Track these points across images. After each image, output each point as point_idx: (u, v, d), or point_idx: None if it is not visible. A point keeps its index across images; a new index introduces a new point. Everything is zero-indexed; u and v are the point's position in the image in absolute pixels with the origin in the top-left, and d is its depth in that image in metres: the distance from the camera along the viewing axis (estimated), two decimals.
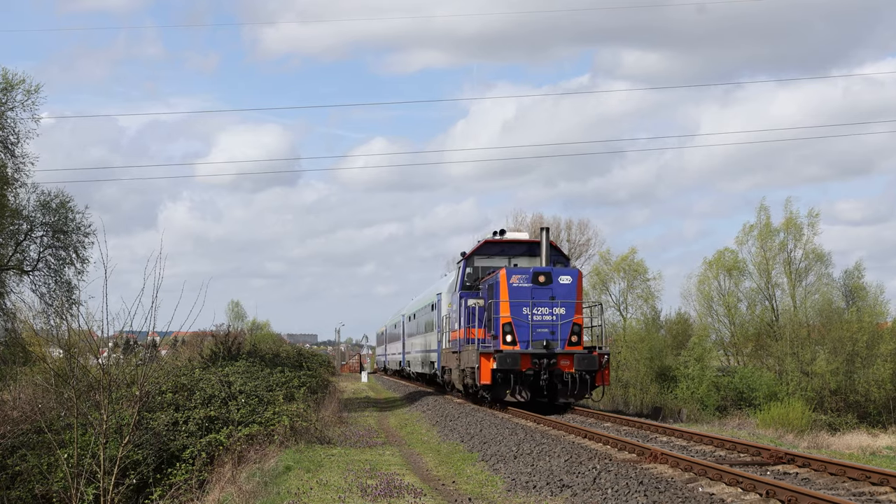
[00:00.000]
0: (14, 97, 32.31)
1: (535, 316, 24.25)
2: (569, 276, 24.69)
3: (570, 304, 24.47)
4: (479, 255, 28.46)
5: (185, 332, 36.47)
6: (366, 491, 12.68)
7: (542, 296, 24.35)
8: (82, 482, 15.19)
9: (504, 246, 28.38)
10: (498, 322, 24.37)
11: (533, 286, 24.30)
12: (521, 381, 24.05)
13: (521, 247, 28.34)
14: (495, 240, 28.56)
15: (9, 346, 33.22)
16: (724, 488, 12.11)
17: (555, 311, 24.34)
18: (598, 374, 24.32)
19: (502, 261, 27.76)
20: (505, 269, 24.84)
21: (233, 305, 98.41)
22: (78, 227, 35.02)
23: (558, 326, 24.31)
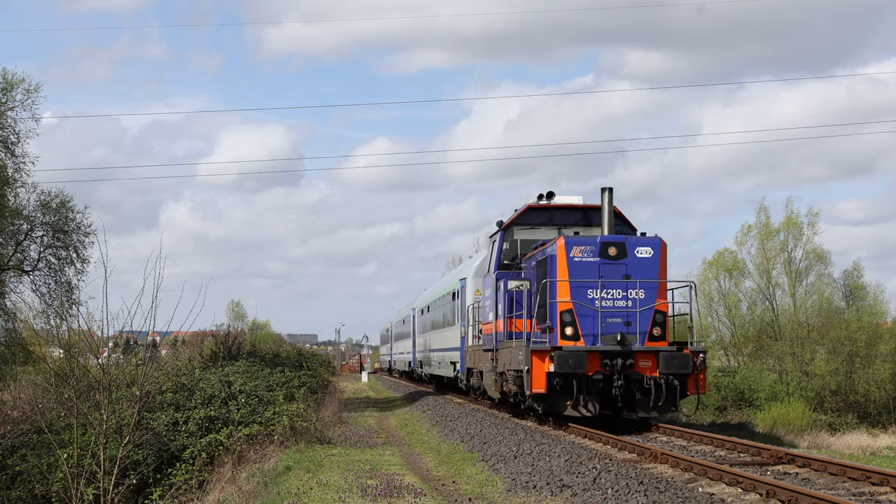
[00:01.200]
0: (14, 97, 32.30)
1: (604, 301, 18.74)
2: (649, 248, 19.10)
3: (651, 285, 18.95)
4: (519, 226, 22.71)
5: (185, 332, 36.49)
6: (366, 491, 12.68)
7: (614, 273, 18.81)
8: (82, 482, 15.20)
9: (552, 213, 22.57)
10: (554, 309, 18.93)
11: (601, 261, 18.85)
12: (588, 388, 18.44)
13: (574, 214, 22.50)
14: (541, 205, 22.62)
15: (9, 346, 33.20)
16: (724, 488, 12.11)
17: (631, 295, 18.81)
18: (690, 378, 18.75)
19: (550, 232, 22.09)
20: (563, 237, 19.31)
21: (233, 305, 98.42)
22: (78, 226, 35.03)
23: (636, 315, 18.76)
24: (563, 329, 18.80)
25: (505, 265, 22.26)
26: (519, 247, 22.51)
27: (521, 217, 22.75)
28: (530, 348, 18.55)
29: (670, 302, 19.82)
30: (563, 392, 18.43)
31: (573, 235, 19.96)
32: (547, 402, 19.10)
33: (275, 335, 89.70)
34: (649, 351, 18.65)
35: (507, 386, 21.00)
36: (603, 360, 18.41)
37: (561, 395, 18.51)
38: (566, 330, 18.79)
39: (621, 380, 18.39)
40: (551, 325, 19.05)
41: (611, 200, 19.64)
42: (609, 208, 19.58)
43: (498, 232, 22.87)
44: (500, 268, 22.22)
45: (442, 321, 36.35)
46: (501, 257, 22.44)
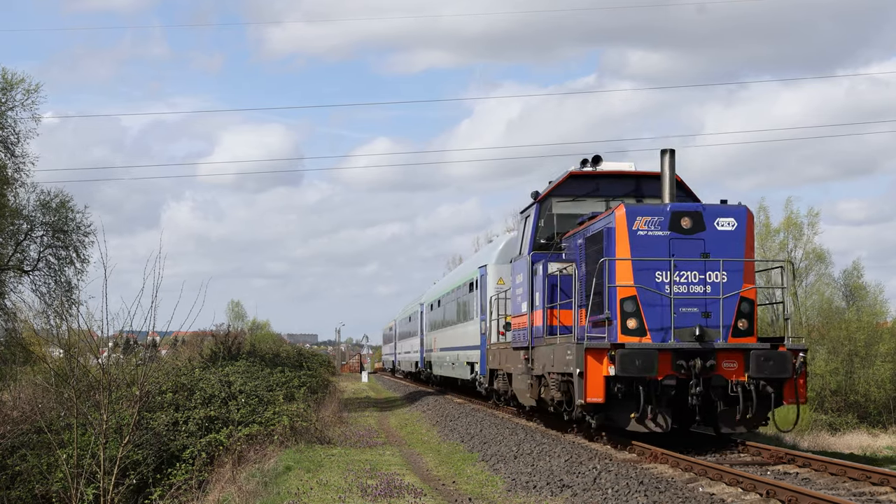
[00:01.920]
0: (14, 97, 32.31)
1: (677, 286, 15.16)
2: (731, 219, 15.49)
3: (735, 266, 15.36)
4: (559, 197, 18.90)
5: (185, 332, 36.50)
6: (366, 491, 12.68)
7: (689, 251, 15.26)
8: (82, 482, 15.20)
9: (599, 181, 18.86)
10: (613, 297, 15.36)
11: (672, 235, 15.26)
12: (658, 396, 14.99)
13: (625, 182, 18.83)
14: (585, 172, 18.84)
15: (9, 346, 33.21)
16: (724, 488, 12.11)
17: (711, 278, 15.23)
18: (787, 384, 15.19)
19: (595, 205, 18.62)
20: (624, 205, 15.60)
21: (233, 305, 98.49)
22: (78, 226, 35.03)
23: (718, 303, 15.17)
24: (625, 321, 15.23)
25: (541, 245, 18.67)
26: (557, 223, 18.90)
27: (561, 187, 18.84)
28: (584, 346, 14.89)
29: (758, 287, 16.29)
30: (627, 401, 14.91)
31: (635, 203, 16.47)
32: (604, 413, 15.46)
33: (275, 335, 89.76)
34: (736, 349, 15.06)
35: (547, 392, 17.42)
36: (677, 361, 14.82)
37: (623, 404, 14.99)
38: (628, 322, 15.21)
39: (700, 385, 14.84)
40: (609, 316, 15.40)
41: (672, 165, 16.00)
42: (671, 175, 15.97)
43: (532, 205, 19.12)
44: (537, 248, 18.63)
45: (456, 316, 32.47)
46: (537, 236, 18.77)
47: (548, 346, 17.33)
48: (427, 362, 42.13)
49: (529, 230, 19.12)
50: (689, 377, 14.89)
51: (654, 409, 14.99)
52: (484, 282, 26.67)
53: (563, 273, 17.48)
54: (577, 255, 17.38)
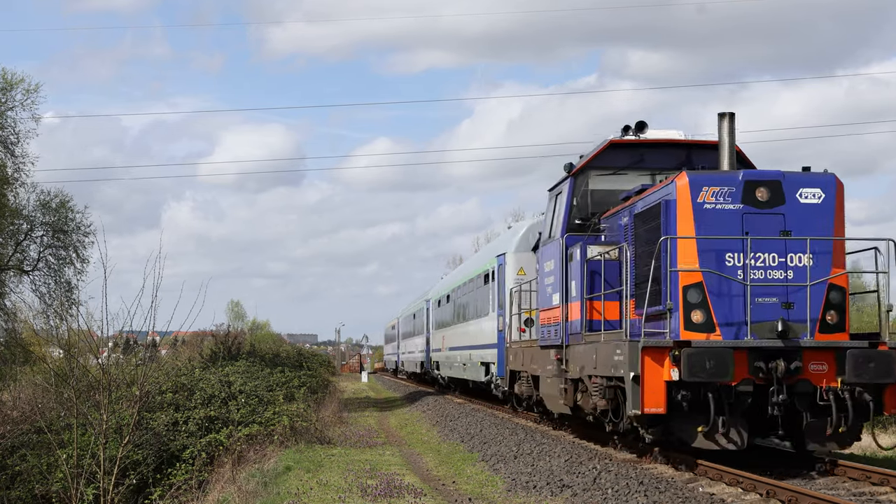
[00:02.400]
0: (13, 97, 32.35)
1: (752, 270, 12.69)
2: (817, 189, 13.05)
3: (824, 247, 12.92)
4: (597, 170, 16.34)
5: (185, 332, 36.52)
6: (366, 491, 12.68)
7: (766, 228, 12.82)
8: (82, 482, 15.20)
9: (644, 152, 16.27)
10: (675, 283, 12.78)
11: (745, 209, 12.81)
12: (732, 406, 12.50)
13: (676, 153, 16.09)
14: (628, 140, 16.23)
15: (9, 346, 33.22)
16: (724, 488, 12.10)
17: (794, 261, 12.76)
18: (888, 390, 12.73)
19: (640, 179, 16.02)
20: (686, 173, 13.07)
21: (233, 305, 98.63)
22: (78, 226, 35.07)
23: (803, 292, 12.71)
24: (689, 314, 12.68)
25: (576, 226, 16.11)
26: (594, 200, 16.33)
27: (600, 158, 16.26)
28: (641, 344, 12.36)
29: (849, 272, 13.83)
30: (695, 412, 12.42)
31: (700, 171, 13.70)
32: (662, 426, 12.90)
33: (275, 335, 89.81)
34: (827, 348, 12.63)
35: (586, 399, 14.98)
36: (754, 363, 12.40)
37: (688, 416, 12.51)
38: (693, 315, 12.68)
39: (783, 392, 12.40)
40: (671, 307, 12.75)
41: (732, 131, 13.67)
42: (731, 142, 13.63)
43: (565, 180, 16.55)
44: (571, 229, 16.08)
45: (469, 312, 29.76)
46: (572, 215, 16.21)
47: (587, 344, 14.72)
48: (434, 362, 39.60)
49: (562, 209, 16.38)
50: (769, 382, 12.39)
51: (727, 422, 12.43)
52: (502, 272, 24.04)
53: (607, 258, 14.78)
54: (622, 236, 14.89)
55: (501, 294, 23.96)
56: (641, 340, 12.46)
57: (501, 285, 24.08)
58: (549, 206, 17.85)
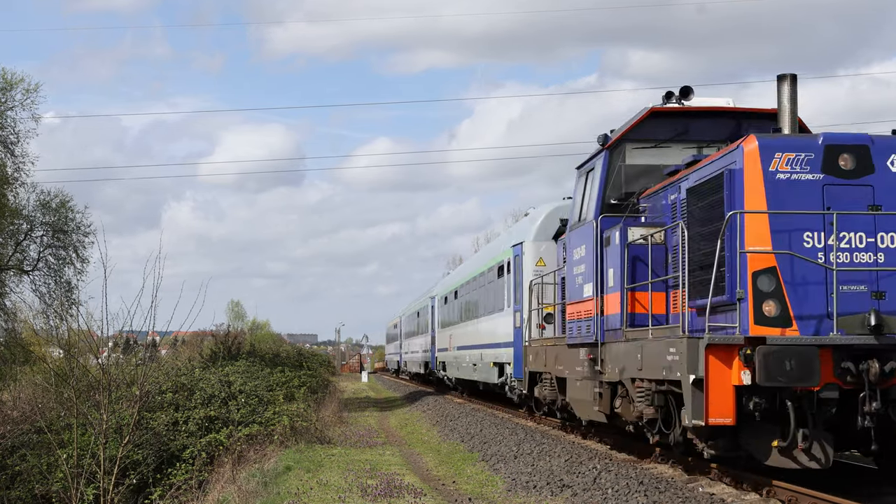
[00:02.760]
0: (13, 96, 32.39)
1: (838, 252, 10.70)
2: None
3: None
4: (635, 143, 14.39)
5: (185, 332, 36.52)
6: (366, 491, 12.68)
7: (852, 202, 10.84)
8: (82, 482, 15.20)
9: (690, 122, 14.31)
10: (743, 267, 10.68)
11: (827, 179, 10.86)
12: (815, 416, 10.59)
13: (724, 123, 14.22)
14: (671, 109, 14.24)
15: (9, 346, 33.23)
16: (724, 488, 12.09)
17: (885, 241, 10.81)
18: None
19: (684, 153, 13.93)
20: (755, 136, 11.05)
21: (233, 305, 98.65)
22: (78, 226, 35.11)
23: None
24: (760, 305, 10.59)
25: (612, 207, 14.17)
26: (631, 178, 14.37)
27: (639, 129, 14.31)
28: (705, 341, 10.35)
29: None
30: (764, 422, 10.62)
31: (771, 134, 11.46)
32: (728, 440, 10.97)
33: (275, 335, 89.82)
34: None
35: (627, 407, 13.17)
36: (841, 364, 10.40)
37: (760, 428, 10.69)
38: (765, 307, 10.59)
39: (877, 399, 10.31)
40: (742, 296, 10.65)
41: (794, 96, 11.60)
42: (792, 109, 11.58)
43: (598, 154, 14.57)
44: (607, 209, 14.16)
45: (481, 308, 27.57)
46: (606, 194, 14.25)
47: (630, 342, 12.89)
48: (440, 363, 37.58)
49: (595, 187, 14.39)
50: (858, 387, 10.36)
51: (809, 435, 10.47)
52: (519, 263, 22.15)
53: (652, 242, 13.03)
54: (668, 216, 13.16)
55: (518, 287, 22.04)
56: (705, 336, 10.41)
57: (519, 278, 22.16)
58: (577, 186, 15.72)
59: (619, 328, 13.49)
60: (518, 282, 22.22)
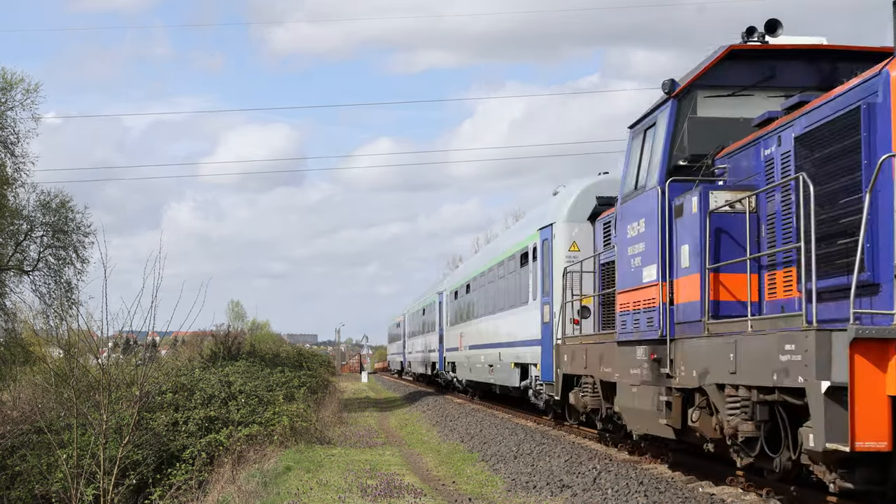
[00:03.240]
0: (13, 96, 32.40)
1: None
2: None
3: None
4: (709, 90, 11.93)
5: (185, 333, 36.53)
6: (366, 491, 12.67)
7: None
8: (82, 482, 15.20)
9: (776, 64, 11.82)
10: (889, 237, 8.23)
11: None
12: None
13: (819, 67, 11.72)
14: (755, 47, 11.75)
15: (9, 346, 33.23)
16: (724, 488, 12.09)
17: None
18: None
19: (768, 102, 11.54)
20: None
21: (233, 305, 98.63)
22: (78, 226, 35.12)
23: None
24: None
25: (680, 169, 11.59)
26: (702, 132, 11.71)
27: (713, 72, 11.79)
28: (851, 334, 7.64)
29: None
30: None
31: None
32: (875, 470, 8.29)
33: (274, 335, 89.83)
34: None
35: (711, 421, 10.70)
36: None
37: None
38: None
39: None
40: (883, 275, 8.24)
41: None
42: None
43: (664, 104, 12.00)
44: (674, 171, 11.60)
45: (499, 302, 24.88)
46: (672, 153, 11.65)
47: (714, 337, 10.33)
48: (448, 363, 35.19)
49: (659, 146, 11.82)
50: None
51: None
52: (548, 249, 19.39)
53: (740, 210, 10.52)
54: (761, 176, 10.67)
55: (547, 277, 19.32)
56: (850, 328, 7.63)
57: (548, 265, 19.38)
58: (631, 150, 13.16)
59: (697, 320, 10.75)
60: (547, 270, 19.45)
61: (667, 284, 11.54)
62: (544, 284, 19.79)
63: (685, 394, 11.32)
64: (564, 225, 19.14)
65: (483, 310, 27.64)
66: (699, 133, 11.85)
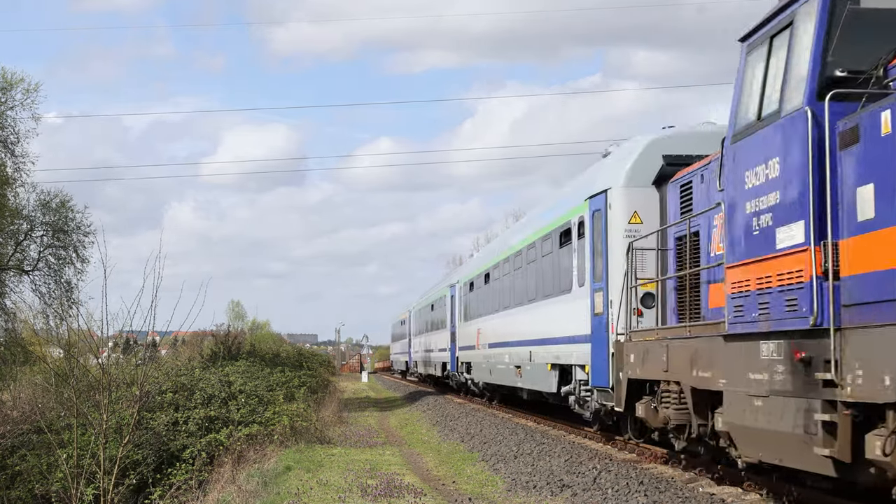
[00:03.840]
0: (13, 96, 32.40)
1: None
2: None
3: None
4: None
5: (185, 332, 36.53)
6: (366, 491, 12.67)
7: None
8: (82, 482, 15.19)
9: None
10: None
11: None
12: None
13: None
14: None
15: (9, 346, 33.22)
16: (724, 488, 12.08)
17: None
18: None
19: None
20: None
21: (233, 305, 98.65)
22: (78, 226, 35.13)
23: None
24: None
25: (839, 82, 8.31)
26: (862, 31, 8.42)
27: None
28: None
29: None
30: None
31: None
32: None
33: (275, 335, 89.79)
34: None
35: None
36: None
37: None
38: None
39: None
40: None
41: None
42: None
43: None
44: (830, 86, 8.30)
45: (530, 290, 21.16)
46: (826, 61, 8.38)
47: None
48: (462, 364, 31.66)
49: (805, 50, 8.63)
50: None
51: None
52: (601, 222, 15.71)
53: None
54: None
55: (600, 256, 15.70)
56: None
57: (600, 243, 15.72)
58: (746, 69, 9.98)
59: (892, 298, 7.38)
60: (599, 249, 15.79)
61: (822, 248, 8.23)
62: (595, 266, 16.02)
63: (862, 411, 7.88)
64: (623, 191, 15.32)
65: (509, 301, 23.49)
66: (863, 32, 8.49)
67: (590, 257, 16.32)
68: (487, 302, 26.79)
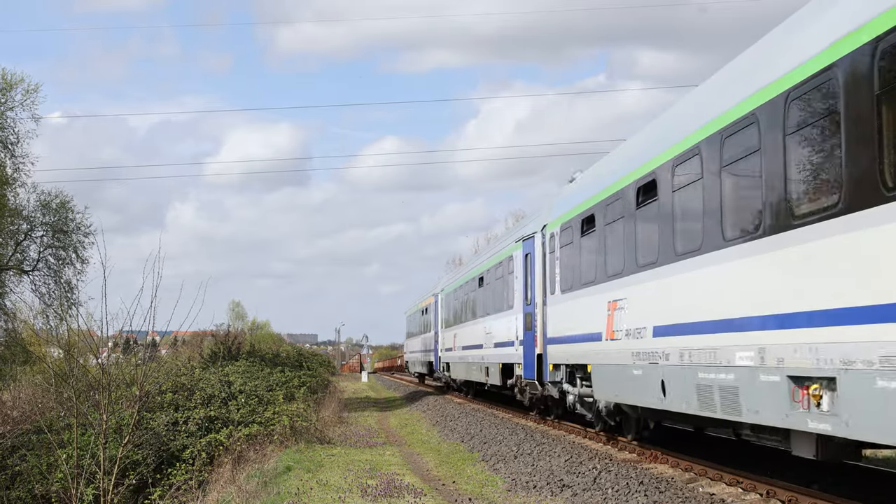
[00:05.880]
0: (13, 97, 32.43)
1: None
2: None
3: None
4: None
5: (185, 332, 36.52)
6: (366, 491, 12.67)
7: None
8: (82, 482, 15.18)
9: None
10: None
11: None
12: None
13: None
14: None
15: (9, 346, 33.24)
16: (724, 488, 12.09)
17: None
18: None
19: None
20: None
21: (233, 305, 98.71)
22: (78, 227, 35.15)
23: None
24: None
25: None
26: None
27: None
28: None
29: None
30: None
31: None
32: None
33: (275, 335, 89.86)
34: None
35: None
36: None
37: None
38: None
39: None
40: None
41: None
42: None
43: None
44: None
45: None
46: None
47: None
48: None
49: None
50: None
51: None
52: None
53: None
54: None
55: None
56: None
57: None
58: None
59: None
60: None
61: None
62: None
63: None
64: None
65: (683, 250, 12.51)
66: None
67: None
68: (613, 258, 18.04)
